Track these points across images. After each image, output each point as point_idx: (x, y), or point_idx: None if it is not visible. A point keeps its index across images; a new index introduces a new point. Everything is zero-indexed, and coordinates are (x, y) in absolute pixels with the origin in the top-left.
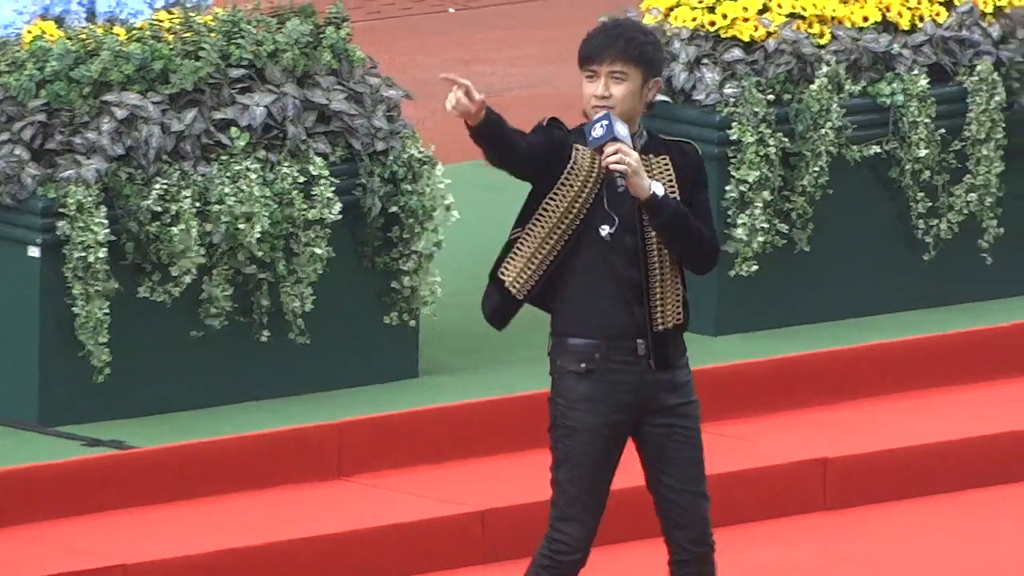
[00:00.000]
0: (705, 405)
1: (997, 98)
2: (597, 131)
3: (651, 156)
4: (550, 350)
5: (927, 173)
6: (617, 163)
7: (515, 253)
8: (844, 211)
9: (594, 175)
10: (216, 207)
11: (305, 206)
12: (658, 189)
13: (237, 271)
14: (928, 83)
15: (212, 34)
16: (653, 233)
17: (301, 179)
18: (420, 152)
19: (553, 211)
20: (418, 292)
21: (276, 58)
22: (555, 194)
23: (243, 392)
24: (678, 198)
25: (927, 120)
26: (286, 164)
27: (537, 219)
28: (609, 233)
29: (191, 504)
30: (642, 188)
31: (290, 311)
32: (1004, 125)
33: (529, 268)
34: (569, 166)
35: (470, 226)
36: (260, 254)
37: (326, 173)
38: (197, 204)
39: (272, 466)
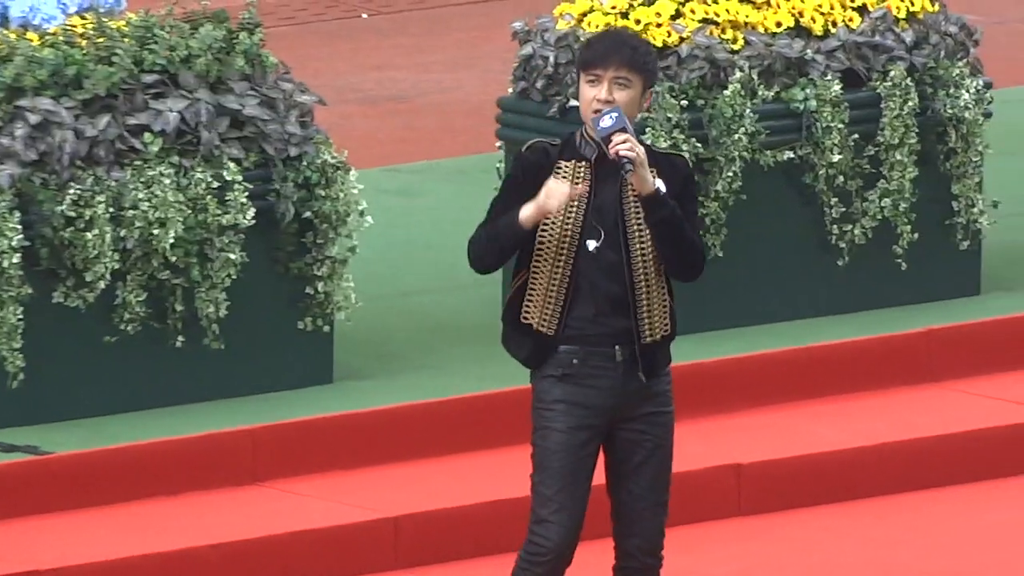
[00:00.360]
0: None
1: (910, 103)
2: (606, 121)
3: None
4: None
5: (841, 178)
6: (628, 150)
7: (530, 294)
8: (758, 217)
9: (578, 191)
10: (130, 212)
11: (219, 211)
12: (661, 185)
13: (151, 276)
14: (841, 88)
15: (125, 40)
16: (638, 246)
17: (215, 184)
18: (333, 157)
19: (549, 241)
20: (332, 297)
21: (189, 63)
22: (545, 222)
23: (158, 397)
24: None
25: (840, 125)
26: (200, 169)
27: (538, 254)
28: (596, 247)
29: (106, 509)
30: (647, 181)
31: (204, 316)
32: (917, 130)
33: (548, 304)
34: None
35: (383, 231)
36: (174, 259)
37: (240, 178)
38: (111, 209)
39: (187, 471)
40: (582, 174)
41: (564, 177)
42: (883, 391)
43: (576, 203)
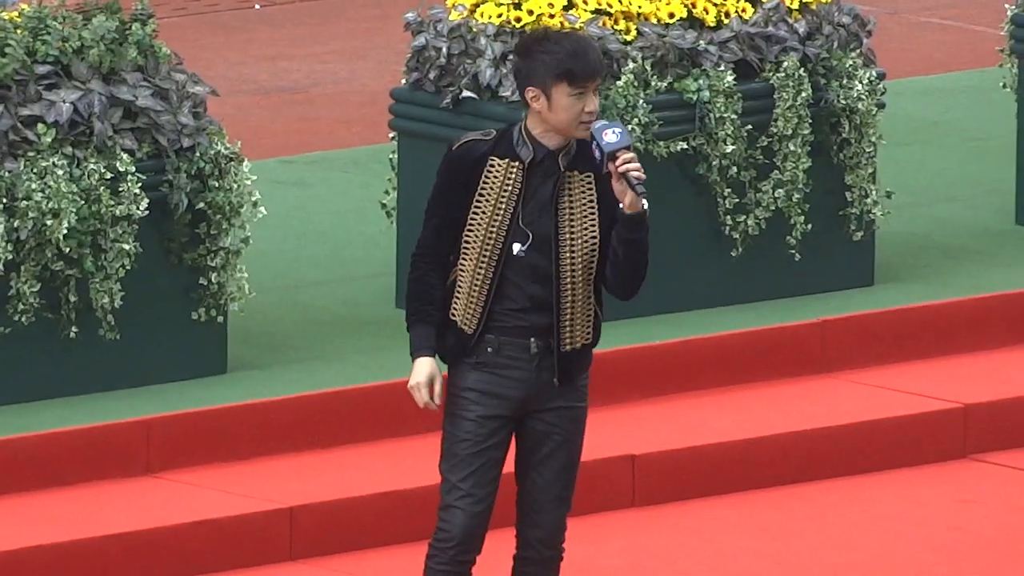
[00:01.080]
0: None
1: (803, 94)
2: (610, 136)
3: (576, 172)
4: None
5: (734, 169)
6: (639, 172)
7: (457, 291)
8: (652, 207)
9: (507, 189)
10: (23, 203)
11: (112, 202)
12: (645, 204)
13: (45, 267)
14: (734, 79)
15: (18, 30)
16: (567, 254)
17: (108, 175)
18: (227, 148)
19: (473, 243)
20: (226, 288)
21: (82, 54)
22: (472, 220)
23: (51, 388)
24: (597, 215)
25: (734, 116)
26: (93, 160)
27: (464, 254)
28: (521, 250)
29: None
30: (638, 200)
31: (99, 307)
32: (811, 121)
33: (470, 302)
34: (479, 189)
35: (277, 222)
36: (68, 250)
37: (133, 169)
38: (4, 200)
39: (80, 463)
40: (513, 175)
41: (494, 176)
42: (777, 381)
43: (504, 204)
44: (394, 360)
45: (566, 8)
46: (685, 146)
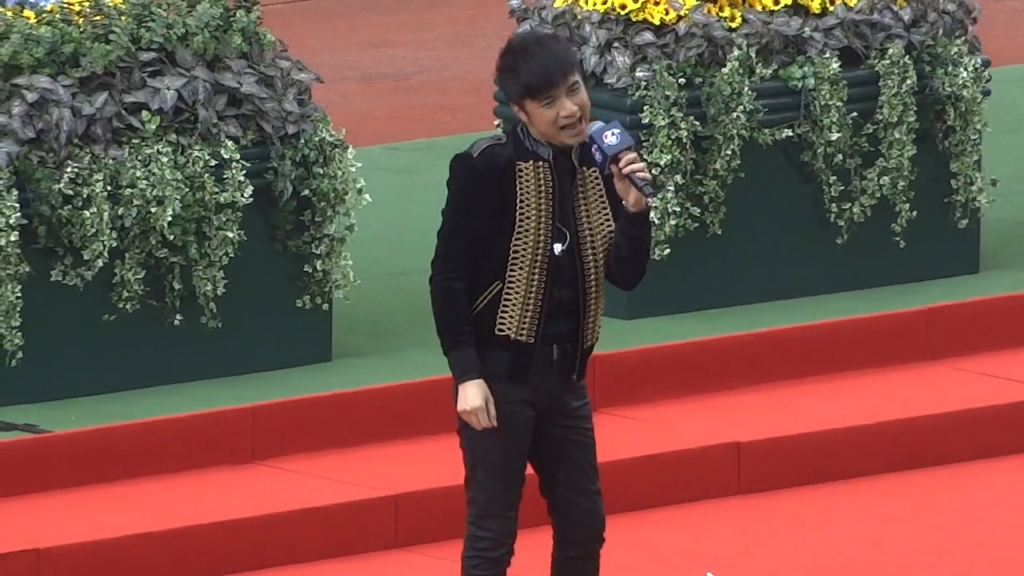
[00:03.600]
0: (617, 389)
1: (909, 81)
2: (610, 139)
3: (584, 169)
4: None
5: (839, 157)
6: (645, 173)
7: (506, 304)
8: (756, 195)
9: (543, 190)
10: (128, 191)
11: (216, 189)
12: (651, 200)
13: (149, 255)
14: (839, 66)
15: (122, 17)
16: (590, 250)
17: (212, 162)
18: (331, 135)
19: (524, 248)
20: (330, 275)
21: (186, 41)
22: (520, 228)
23: (156, 376)
24: (609, 211)
25: (839, 103)
26: (197, 147)
27: (513, 264)
28: (562, 250)
29: (104, 488)
30: (643, 199)
31: (202, 295)
32: (916, 108)
33: (527, 311)
34: (518, 195)
35: (382, 209)
36: (172, 238)
37: (237, 156)
38: (108, 187)
39: (185, 450)
40: (543, 175)
41: (527, 179)
42: (882, 369)
43: (545, 206)
44: None
45: None
46: (790, 133)
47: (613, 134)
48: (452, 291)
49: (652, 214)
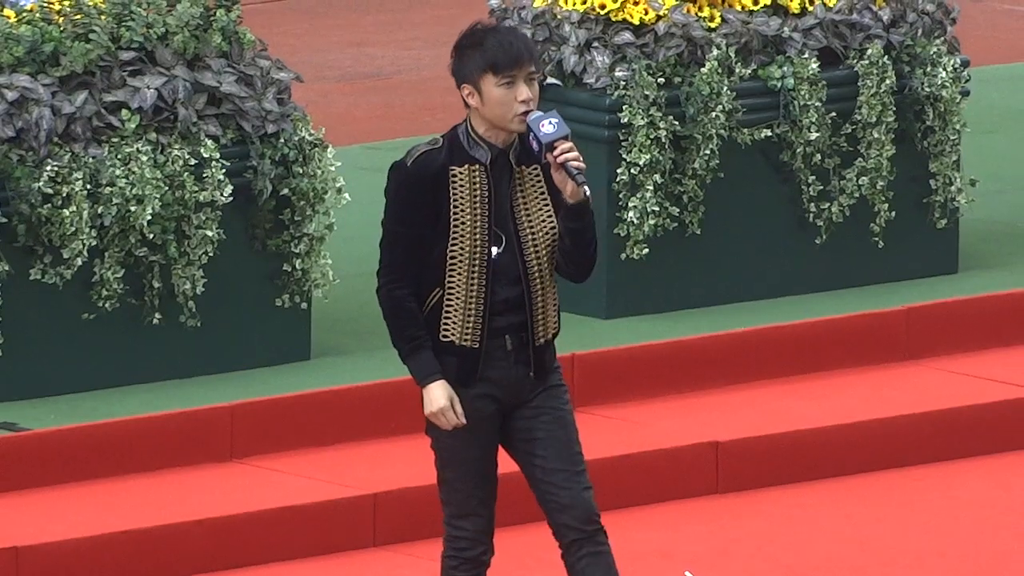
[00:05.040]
0: (595, 388)
1: (888, 81)
2: (547, 127)
3: (523, 168)
4: None
5: (818, 156)
6: (579, 162)
7: (447, 308)
8: (735, 194)
9: (477, 195)
10: (107, 189)
11: (196, 188)
12: (588, 190)
13: (129, 253)
14: (819, 66)
15: (102, 16)
16: (531, 248)
17: (192, 161)
18: (311, 135)
19: (460, 253)
20: (310, 274)
21: (166, 40)
22: (455, 233)
23: (135, 374)
24: (551, 207)
25: (818, 103)
26: (177, 146)
27: (452, 267)
28: (499, 252)
29: (83, 486)
30: (580, 189)
31: (181, 293)
32: (895, 108)
33: (468, 316)
34: (452, 201)
35: (361, 208)
36: (151, 236)
37: (217, 155)
38: (88, 186)
39: (164, 448)
40: (478, 179)
41: (461, 185)
42: (861, 369)
43: (479, 210)
44: None
45: None
46: (769, 133)
47: (550, 123)
48: (398, 299)
49: (629, 213)
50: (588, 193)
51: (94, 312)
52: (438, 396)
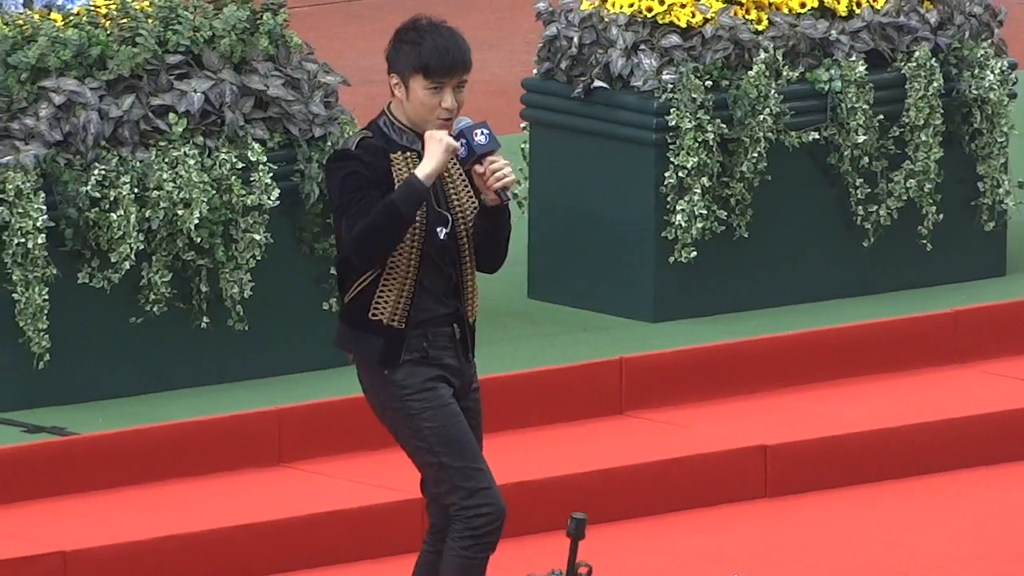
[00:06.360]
0: (644, 392)
1: (935, 84)
2: (479, 137)
3: (449, 165)
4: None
5: (866, 159)
6: (508, 180)
7: (383, 289)
8: (783, 197)
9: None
10: (155, 193)
11: (243, 192)
12: (510, 195)
13: (176, 257)
14: (866, 69)
15: (149, 20)
16: (463, 230)
17: (239, 165)
18: None
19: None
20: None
21: (213, 44)
22: None
23: (183, 378)
24: (471, 189)
25: (865, 106)
26: (224, 150)
27: (394, 253)
28: (446, 233)
29: (131, 490)
30: (502, 196)
31: (229, 297)
32: (942, 111)
33: (401, 297)
34: (396, 185)
35: None
36: (199, 240)
37: (264, 159)
38: (135, 190)
39: (212, 452)
40: (412, 164)
41: (401, 170)
42: (909, 372)
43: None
44: (528, 350)
45: None
46: (817, 136)
47: (482, 133)
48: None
49: (677, 216)
50: (508, 198)
51: (142, 316)
52: (435, 149)
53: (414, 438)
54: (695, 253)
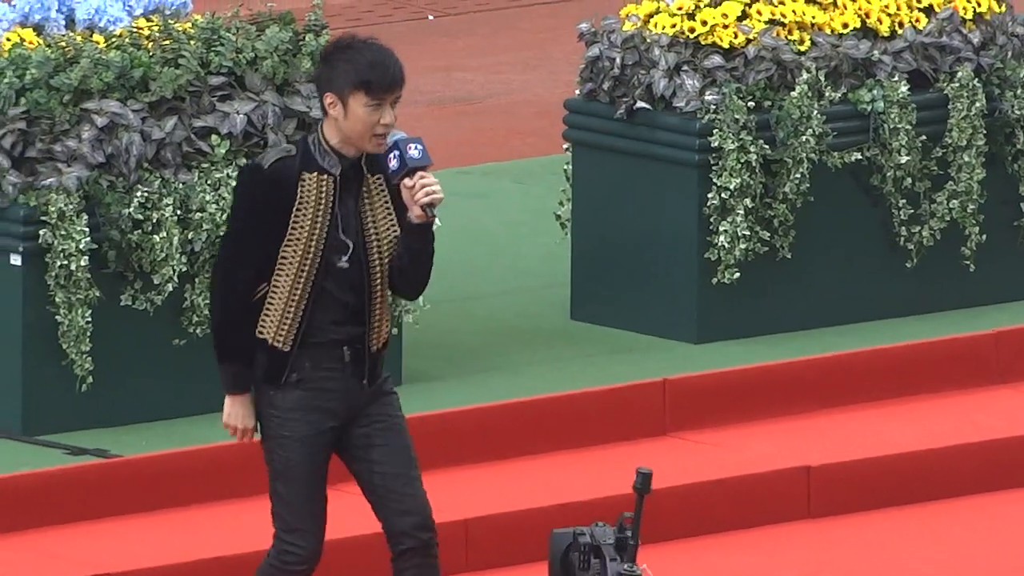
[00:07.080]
0: (686, 413)
1: (978, 104)
2: (413, 151)
3: (370, 176)
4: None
5: (909, 180)
6: (435, 197)
7: (268, 308)
8: (826, 218)
9: (322, 204)
10: (197, 215)
11: None
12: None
13: None
14: (908, 89)
15: (192, 42)
16: (376, 258)
17: None
18: None
19: (292, 258)
20: (399, 300)
21: (256, 65)
22: (291, 236)
23: None
24: (394, 216)
25: (908, 127)
26: None
27: (279, 270)
28: (345, 261)
29: (174, 512)
30: (427, 212)
31: None
32: (985, 131)
33: (286, 319)
34: (296, 205)
35: (452, 233)
36: None
37: None
38: (178, 212)
39: (255, 475)
40: (326, 188)
41: (308, 191)
42: (952, 392)
43: (322, 218)
44: (570, 371)
45: (740, 19)
46: (859, 156)
47: (416, 148)
48: (232, 285)
49: (720, 237)
50: (434, 215)
51: (184, 338)
52: (243, 415)
53: (266, 456)
54: (738, 274)
